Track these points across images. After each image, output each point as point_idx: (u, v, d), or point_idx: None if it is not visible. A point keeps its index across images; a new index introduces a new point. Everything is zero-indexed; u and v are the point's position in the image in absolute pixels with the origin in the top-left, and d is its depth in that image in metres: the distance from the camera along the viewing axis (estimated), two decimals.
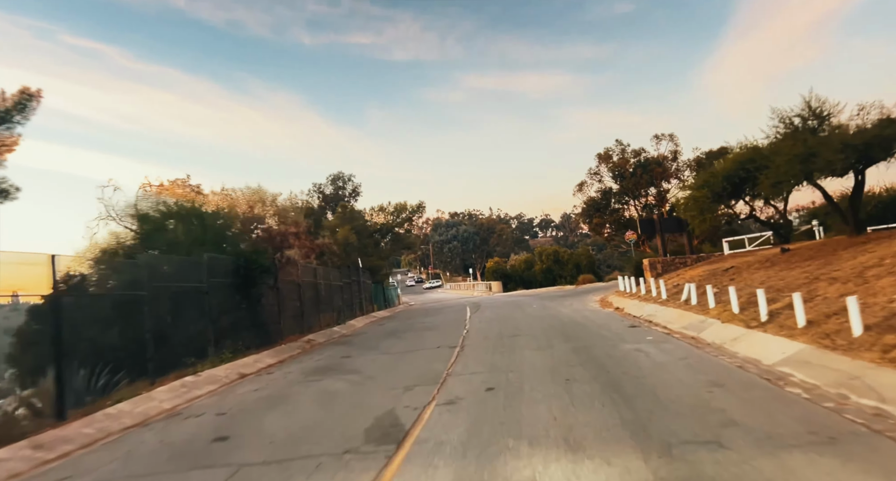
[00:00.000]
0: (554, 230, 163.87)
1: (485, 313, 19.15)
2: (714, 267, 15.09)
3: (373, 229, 33.23)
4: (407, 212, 35.27)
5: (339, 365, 10.21)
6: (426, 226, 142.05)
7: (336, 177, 46.44)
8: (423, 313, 24.59)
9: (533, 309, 18.64)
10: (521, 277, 53.23)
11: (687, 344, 8.62)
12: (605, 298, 19.23)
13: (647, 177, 50.71)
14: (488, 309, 21.64)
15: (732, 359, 7.14)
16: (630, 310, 14.07)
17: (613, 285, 28.27)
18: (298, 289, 16.07)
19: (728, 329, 8.60)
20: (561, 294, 28.21)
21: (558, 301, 21.69)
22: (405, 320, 20.62)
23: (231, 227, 14.30)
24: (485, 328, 13.72)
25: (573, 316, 14.57)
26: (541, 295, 30.47)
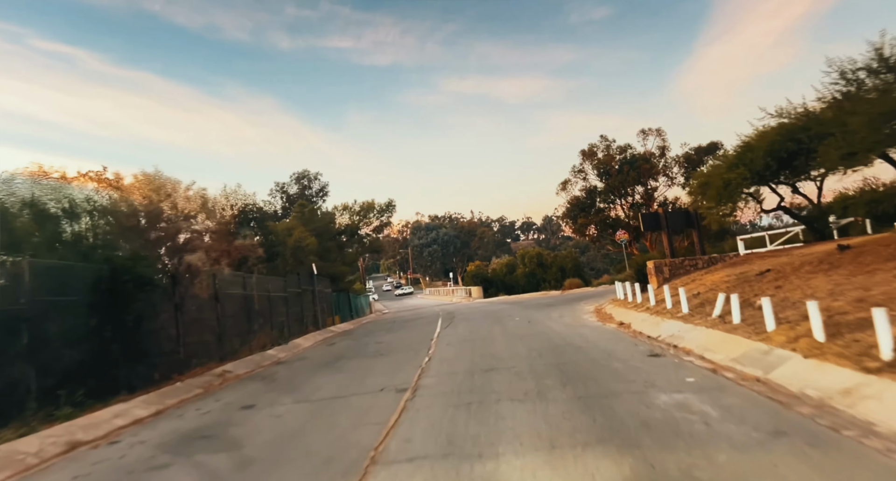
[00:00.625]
0: (536, 233, 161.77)
1: (458, 328, 15.85)
2: (739, 270, 12.02)
3: (336, 231, 29.73)
4: (375, 212, 31.85)
5: (224, 426, 6.80)
6: (406, 229, 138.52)
7: (301, 175, 43.01)
8: (388, 327, 21.19)
9: (516, 323, 15.39)
10: (502, 282, 50.08)
11: (758, 394, 5.42)
12: (602, 308, 16.07)
13: (634, 174, 48.04)
14: (463, 322, 18.34)
15: (883, 441, 3.94)
16: (640, 326, 10.89)
17: (605, 291, 25.19)
18: (216, 305, 12.57)
19: (823, 370, 5.41)
20: (547, 301, 25.04)
21: (545, 311, 18.49)
22: (362, 337, 17.21)
23: (128, 225, 10.78)
24: (453, 355, 10.41)
25: (567, 334, 11.35)
26: (524, 302, 27.29)
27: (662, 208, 15.50)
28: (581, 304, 19.27)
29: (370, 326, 23.57)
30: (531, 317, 16.40)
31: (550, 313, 17.26)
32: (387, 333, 17.68)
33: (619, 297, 16.37)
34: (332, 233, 29.21)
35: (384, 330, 19.65)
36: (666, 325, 9.97)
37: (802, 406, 4.89)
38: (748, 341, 7.10)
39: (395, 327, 20.36)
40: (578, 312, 16.43)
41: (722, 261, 15.66)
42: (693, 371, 6.76)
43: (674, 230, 15.40)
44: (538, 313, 17.87)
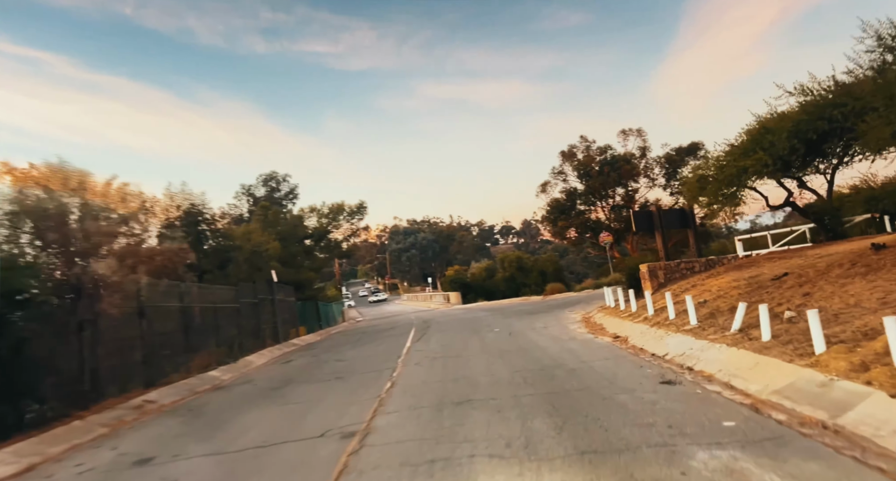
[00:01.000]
0: (515, 237, 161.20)
1: (431, 342, 14.11)
2: (748, 274, 10.54)
3: (303, 235, 27.73)
4: (345, 215, 29.93)
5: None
6: (384, 234, 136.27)
7: (269, 177, 40.85)
8: (356, 339, 19.33)
9: (495, 335, 13.72)
10: (481, 287, 48.49)
11: (838, 453, 3.81)
12: (590, 317, 14.50)
13: (614, 175, 46.97)
14: (438, 333, 16.61)
15: None
16: (640, 341, 9.30)
17: (589, 297, 23.73)
18: (140, 321, 10.61)
19: None
20: (528, 308, 23.45)
21: (527, 320, 16.86)
22: (324, 353, 15.34)
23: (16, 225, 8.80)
24: (420, 380, 8.66)
25: (555, 351, 9.70)
26: (504, 309, 25.67)
27: (655, 206, 13.86)
28: (566, 312, 17.69)
29: (338, 338, 21.67)
30: (513, 328, 14.75)
31: (534, 322, 15.64)
32: (352, 347, 15.84)
33: (609, 305, 14.83)
34: (299, 237, 27.22)
35: (351, 343, 17.79)
36: (672, 341, 8.38)
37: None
38: (792, 367, 5.52)
39: (364, 339, 18.52)
40: (564, 321, 14.83)
41: (720, 263, 14.25)
42: (727, 408, 5.14)
43: (668, 230, 13.97)
44: (520, 322, 16.23)
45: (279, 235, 26.42)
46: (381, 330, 22.79)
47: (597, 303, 18.64)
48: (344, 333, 24.68)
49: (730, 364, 6.38)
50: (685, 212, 14.22)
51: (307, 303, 26.26)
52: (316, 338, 23.10)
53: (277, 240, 25.59)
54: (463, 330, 16.47)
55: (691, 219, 14.12)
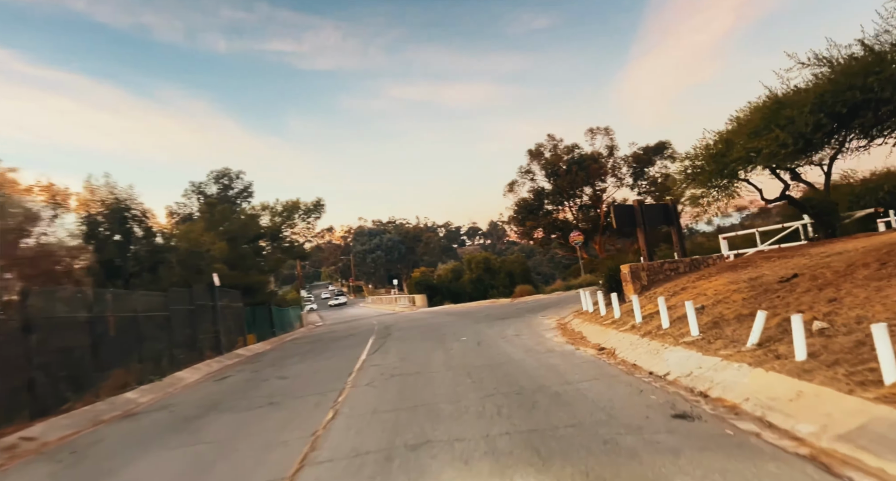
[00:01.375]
0: (482, 238, 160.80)
1: (389, 353, 12.48)
2: (747, 276, 9.31)
3: (254, 235, 25.59)
4: (301, 213, 27.89)
5: None
6: (349, 235, 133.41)
7: (221, 174, 38.27)
8: (307, 349, 17.50)
9: (462, 345, 12.19)
10: (448, 289, 46.99)
11: None
12: (566, 324, 13.13)
13: (582, 174, 46.26)
14: (398, 341, 14.99)
15: None
16: (631, 355, 7.91)
17: (561, 300, 22.49)
18: (26, 338, 8.62)
19: None
20: (497, 312, 22.03)
21: (497, 326, 15.40)
22: (267, 367, 13.50)
23: None
24: (370, 408, 7.03)
25: (531, 366, 8.21)
26: (472, 313, 24.19)
27: (638, 201, 12.57)
28: (538, 317, 16.32)
29: (289, 348, 19.75)
30: (481, 336, 13.25)
31: (504, 329, 14.18)
32: (300, 360, 14.04)
33: (586, 309, 13.51)
34: (250, 237, 25.11)
35: (301, 354, 15.96)
36: (672, 356, 7.00)
37: None
38: (855, 401, 4.14)
39: (317, 349, 16.71)
40: (538, 328, 13.42)
41: (706, 264, 13.12)
42: (782, 464, 3.71)
43: (651, 226, 12.74)
44: (489, 329, 14.75)
45: (227, 235, 24.27)
46: (338, 337, 20.99)
47: (570, 306, 17.36)
48: (298, 341, 22.74)
49: (760, 391, 4.99)
50: (668, 207, 13.02)
51: (258, 309, 24.19)
52: (265, 347, 21.11)
53: (225, 241, 23.45)
54: (426, 337, 14.88)
55: (674, 215, 12.95)
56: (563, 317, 14.74)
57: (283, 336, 27.11)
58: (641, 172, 47.02)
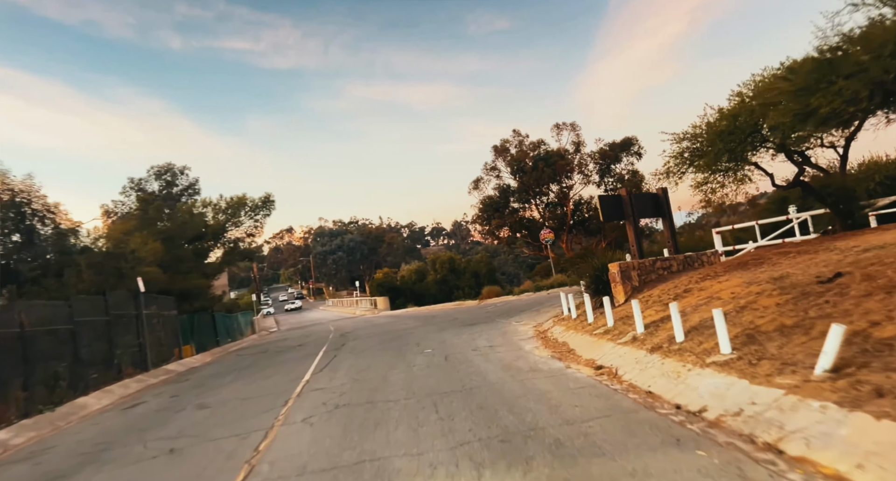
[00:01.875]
0: (446, 238, 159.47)
1: (339, 369, 10.49)
2: (767, 275, 7.79)
3: (194, 234, 22.99)
4: (247, 210, 25.39)
5: None
6: (309, 236, 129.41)
7: (164, 169, 35.33)
8: (247, 363, 15.28)
9: (426, 358, 10.33)
10: (411, 291, 45.01)
11: None
12: (545, 332, 11.44)
13: (549, 171, 45.07)
14: (352, 354, 13.00)
15: None
16: (640, 377, 6.23)
17: (533, 302, 20.90)
18: None
19: None
20: (465, 316, 20.26)
21: (466, 333, 13.61)
22: (193, 389, 11.27)
23: None
24: (298, 464, 5.07)
25: (515, 394, 6.42)
26: (437, 317, 22.34)
27: (626, 189, 10.94)
28: (512, 323, 14.59)
29: (229, 361, 17.42)
30: (449, 347, 11.41)
31: (475, 338, 12.39)
32: (235, 379, 11.86)
33: (568, 315, 11.86)
34: (189, 237, 22.51)
35: (239, 369, 13.75)
36: (702, 382, 5.33)
37: None
38: None
39: (259, 363, 14.53)
40: (514, 337, 11.68)
41: (700, 261, 11.67)
42: None
43: (640, 218, 11.20)
44: (458, 337, 12.93)
45: (163, 234, 21.65)
46: (287, 347, 18.77)
47: (546, 310, 15.76)
48: (242, 352, 20.37)
49: (882, 454, 3.31)
50: (658, 197, 11.51)
51: (198, 316, 21.67)
52: (204, 359, 18.69)
53: (160, 241, 20.85)
54: (385, 348, 12.95)
55: (666, 206, 11.44)
56: (541, 323, 13.07)
57: (228, 345, 24.60)
58: (608, 169, 46.21)
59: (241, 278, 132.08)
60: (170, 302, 18.64)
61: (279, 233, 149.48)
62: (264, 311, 76.91)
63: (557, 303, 16.48)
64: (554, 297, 20.45)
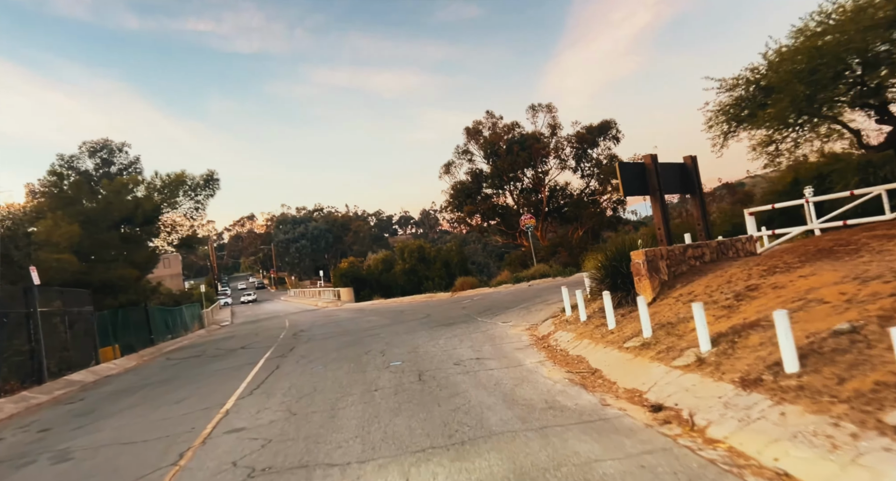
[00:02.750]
0: (414, 227, 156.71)
1: (275, 393, 7.80)
2: (877, 269, 5.50)
3: (122, 216, 19.63)
4: (187, 189, 22.09)
5: None
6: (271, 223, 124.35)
7: (99, 146, 31.54)
8: (169, 374, 12.38)
9: (394, 376, 7.76)
10: (378, 281, 42.25)
11: None
12: (546, 338, 8.97)
13: (524, 155, 42.69)
14: (301, 362, 10.31)
15: None
16: (757, 443, 3.77)
17: (518, 297, 18.51)
18: None
19: None
20: (439, 312, 17.73)
21: (443, 335, 11.08)
22: (74, 419, 8.34)
23: None
24: None
25: (538, 460, 3.91)
26: (407, 312, 19.75)
27: (651, 157, 8.52)
28: (497, 323, 12.10)
29: (152, 369, 14.45)
30: (423, 359, 8.85)
31: (455, 344, 9.85)
32: (139, 402, 9.01)
33: (573, 316, 9.45)
34: (115, 220, 19.16)
35: (151, 384, 10.88)
36: None
37: None
38: None
39: (180, 375, 11.67)
40: (504, 343, 9.19)
41: (735, 249, 9.40)
42: None
43: (667, 193, 8.84)
44: (433, 342, 10.38)
45: (83, 216, 18.28)
46: (227, 350, 15.89)
47: (537, 307, 13.35)
48: (174, 355, 17.35)
49: None
50: (686, 167, 9.17)
51: (125, 312, 18.47)
52: (126, 365, 15.63)
53: (78, 224, 17.52)
54: (342, 357, 10.31)
55: (695, 179, 9.13)
56: (535, 324, 10.62)
57: (166, 344, 21.44)
58: (584, 154, 44.18)
59: (199, 267, 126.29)
60: (83, 296, 15.46)
61: (240, 221, 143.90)
62: (221, 302, 72.83)
63: (548, 298, 14.13)
64: (540, 291, 18.10)
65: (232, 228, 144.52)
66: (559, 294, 14.10)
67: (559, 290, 14.52)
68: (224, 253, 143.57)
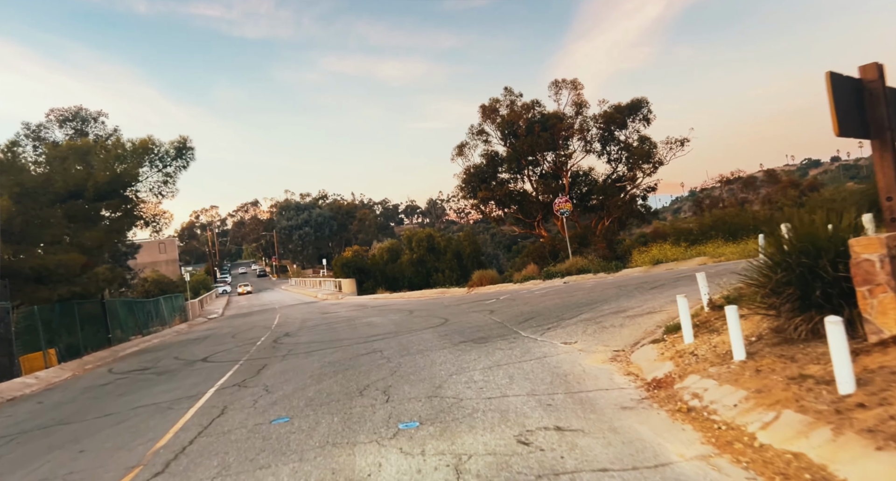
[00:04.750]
0: (420, 216, 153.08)
1: (207, 463, 4.12)
2: None
3: (68, 190, 15.96)
4: (154, 158, 18.38)
5: None
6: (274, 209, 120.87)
7: (70, 114, 28.04)
8: (80, 406, 8.74)
9: (410, 451, 4.05)
10: (382, 272, 38.63)
11: None
12: (662, 383, 5.24)
13: (546, 135, 38.66)
14: (256, 405, 6.63)
15: None
16: None
17: (561, 298, 14.81)
18: None
19: None
20: (457, 315, 14.08)
21: (476, 356, 7.43)
22: None
23: None
24: None
25: None
26: (417, 314, 16.11)
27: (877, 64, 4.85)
28: (554, 341, 8.31)
29: (75, 390, 10.87)
30: (453, 410, 5.20)
31: (499, 380, 6.18)
32: (21, 448, 5.39)
33: (704, 346, 5.72)
34: (62, 194, 15.51)
35: (31, 431, 7.27)
36: None
37: None
38: None
39: (89, 407, 8.06)
40: (589, 388, 5.49)
41: None
42: None
43: None
44: (462, 374, 6.70)
45: (20, 189, 14.67)
46: (186, 360, 12.33)
47: (607, 316, 9.51)
48: (121, 365, 13.80)
49: None
50: None
51: (70, 307, 14.92)
52: (50, 380, 12.07)
53: (9, 197, 13.92)
54: (325, 394, 6.70)
55: None
56: (624, 350, 6.87)
57: (127, 344, 17.93)
58: (611, 136, 40.09)
59: (200, 253, 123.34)
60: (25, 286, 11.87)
61: (244, 206, 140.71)
62: (219, 290, 69.63)
63: (620, 304, 10.36)
64: (590, 291, 14.37)
65: (235, 214, 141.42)
66: (629, 296, 10.33)
67: (623, 290, 10.82)
68: (227, 239, 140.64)
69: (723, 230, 20.81)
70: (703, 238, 19.56)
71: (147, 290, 36.34)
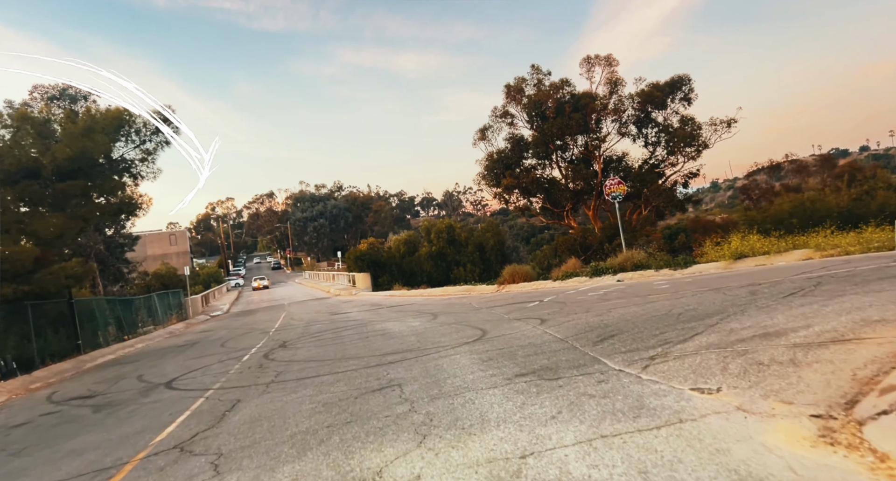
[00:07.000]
0: (436, 208, 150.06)
1: None
2: None
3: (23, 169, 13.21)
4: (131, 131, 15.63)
5: None
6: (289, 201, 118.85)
7: (57, 92, 25.73)
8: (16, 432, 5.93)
9: None
10: (399, 266, 35.78)
11: None
12: None
13: (577, 116, 35.34)
14: None
15: None
16: None
17: (640, 308, 11.71)
18: None
19: None
20: (493, 320, 11.14)
21: (553, 411, 4.57)
22: None
23: None
24: None
25: None
26: (438, 317, 13.21)
27: None
28: (681, 386, 5.30)
29: None
30: None
31: (611, 458, 3.20)
32: None
33: None
34: (14, 174, 12.75)
35: None
36: None
37: None
38: None
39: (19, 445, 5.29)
40: None
41: None
42: None
43: None
44: (542, 456, 3.75)
45: None
46: (150, 383, 9.60)
47: (730, 332, 6.39)
48: (69, 387, 11.15)
49: None
50: None
51: (22, 309, 12.31)
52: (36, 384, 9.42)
53: None
54: (320, 471, 3.79)
55: None
56: (850, 412, 3.84)
57: (104, 350, 15.34)
58: (647, 118, 36.60)
59: (215, 245, 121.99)
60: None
61: (259, 198, 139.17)
62: (231, 283, 67.62)
63: (730, 313, 7.19)
64: (666, 293, 11.26)
65: (251, 206, 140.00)
66: (757, 307, 7.21)
67: (730, 296, 7.73)
68: (242, 231, 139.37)
69: (801, 218, 17.58)
70: (785, 228, 16.32)
71: (147, 285, 34.07)
